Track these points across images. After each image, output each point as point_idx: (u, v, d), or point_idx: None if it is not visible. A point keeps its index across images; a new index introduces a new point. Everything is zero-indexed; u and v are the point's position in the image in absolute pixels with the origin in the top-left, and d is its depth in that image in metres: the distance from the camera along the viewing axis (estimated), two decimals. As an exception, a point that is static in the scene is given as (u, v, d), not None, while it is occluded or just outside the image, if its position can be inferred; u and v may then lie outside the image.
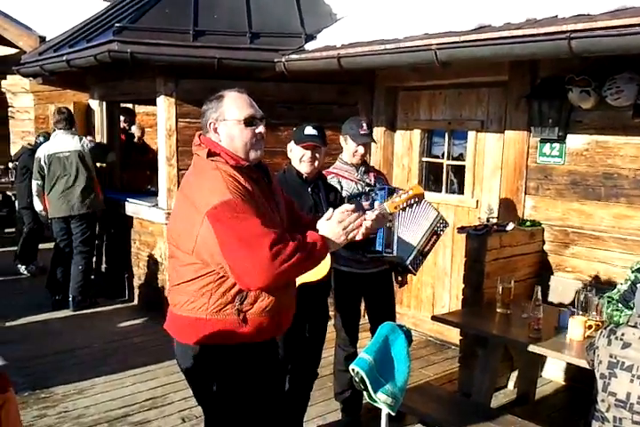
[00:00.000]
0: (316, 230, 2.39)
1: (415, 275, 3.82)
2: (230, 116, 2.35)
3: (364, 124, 3.85)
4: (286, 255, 2.13)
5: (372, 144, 4.13)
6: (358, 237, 2.43)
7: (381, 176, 4.11)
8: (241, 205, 2.18)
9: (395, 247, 3.52)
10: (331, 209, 2.44)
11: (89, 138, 6.59)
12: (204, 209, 2.17)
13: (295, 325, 3.00)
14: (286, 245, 2.15)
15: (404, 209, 3.48)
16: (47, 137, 7.04)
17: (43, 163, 6.18)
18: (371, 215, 2.56)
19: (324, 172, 3.82)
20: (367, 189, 3.80)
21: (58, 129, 6.27)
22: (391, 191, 3.57)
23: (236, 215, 2.16)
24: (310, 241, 2.23)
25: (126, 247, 6.61)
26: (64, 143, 6.19)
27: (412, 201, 3.25)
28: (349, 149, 3.87)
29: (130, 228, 6.49)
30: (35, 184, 6.32)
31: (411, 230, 3.62)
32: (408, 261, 3.60)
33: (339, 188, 3.76)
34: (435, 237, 3.68)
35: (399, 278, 3.98)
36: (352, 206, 2.42)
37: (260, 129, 2.38)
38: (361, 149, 3.83)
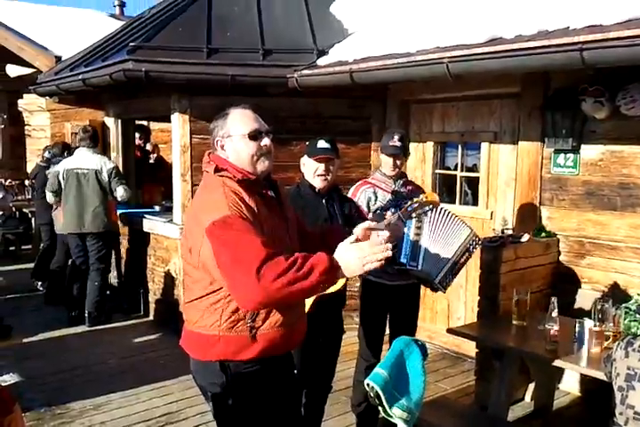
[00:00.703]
0: (328, 246, 2.33)
1: (444, 292, 3.77)
2: (235, 132, 2.37)
3: (396, 137, 3.82)
4: (276, 274, 2.03)
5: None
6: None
7: (419, 191, 4.01)
8: (238, 222, 2.17)
9: (420, 261, 3.54)
10: (355, 232, 2.38)
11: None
12: (204, 225, 2.19)
13: (310, 338, 3.00)
14: (278, 263, 2.06)
15: (418, 218, 3.44)
16: (59, 152, 7.13)
17: (61, 177, 6.24)
18: (383, 234, 2.51)
19: (361, 181, 3.89)
20: (396, 199, 3.75)
21: (82, 146, 6.33)
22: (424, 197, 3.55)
23: (231, 232, 2.14)
24: (311, 262, 2.08)
25: (141, 263, 6.65)
26: (85, 161, 6.23)
27: (427, 208, 3.21)
28: (384, 161, 3.86)
29: (145, 243, 6.53)
30: (49, 196, 6.41)
31: (441, 247, 3.58)
32: (437, 280, 3.58)
33: (373, 198, 3.78)
34: (467, 254, 3.63)
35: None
36: (370, 223, 2.39)
37: (266, 141, 2.38)
38: (390, 160, 3.80)
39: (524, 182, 4.78)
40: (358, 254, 2.11)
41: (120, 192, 6.25)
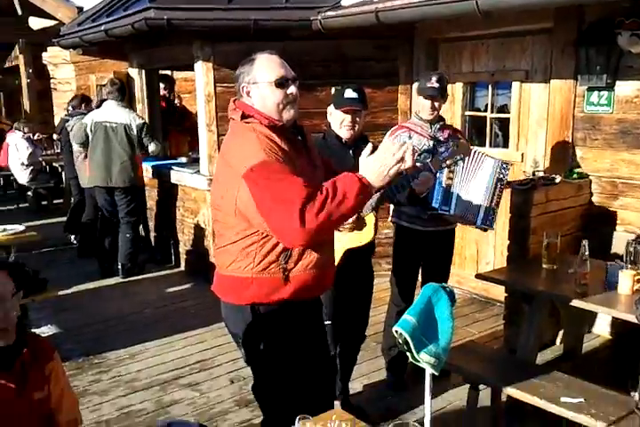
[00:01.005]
0: None
1: (493, 229, 3.80)
2: (261, 79, 2.33)
3: (434, 78, 3.70)
4: (317, 210, 2.09)
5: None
6: (407, 166, 2.24)
7: (458, 134, 3.98)
8: (276, 165, 2.18)
9: (453, 206, 3.53)
10: (370, 144, 2.39)
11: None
12: (241, 171, 2.20)
13: (341, 288, 3.01)
14: (314, 200, 2.11)
15: (450, 168, 3.37)
16: (77, 104, 7.10)
17: (89, 130, 6.21)
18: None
19: (397, 126, 3.84)
20: (433, 148, 3.68)
21: (110, 99, 6.26)
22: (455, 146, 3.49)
23: (271, 176, 2.16)
24: (342, 185, 2.15)
25: (171, 215, 6.70)
26: (113, 114, 6.17)
27: (458, 157, 3.15)
28: (421, 104, 3.77)
29: (174, 195, 6.56)
30: (76, 148, 6.41)
31: (472, 187, 3.57)
32: (479, 222, 3.60)
33: (409, 142, 3.68)
34: (499, 184, 3.59)
35: None
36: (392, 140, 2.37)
37: (292, 90, 2.35)
38: (427, 103, 3.71)
39: (555, 122, 4.63)
40: (379, 163, 2.20)
41: (152, 147, 6.25)
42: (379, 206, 3.22)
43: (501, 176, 3.58)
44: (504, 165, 3.60)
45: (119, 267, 6.35)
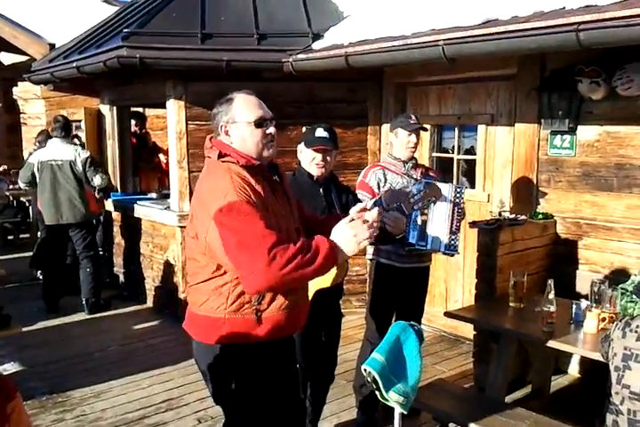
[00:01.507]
0: (329, 232, 2.37)
1: (458, 254, 3.83)
2: (240, 119, 2.36)
3: (413, 116, 3.87)
4: (285, 260, 2.09)
5: (388, 141, 4.09)
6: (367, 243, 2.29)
7: (430, 172, 4.08)
8: (246, 207, 2.19)
9: (429, 240, 3.60)
10: (350, 213, 2.39)
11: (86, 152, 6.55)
12: (211, 212, 2.20)
13: (310, 329, 3.01)
14: (286, 249, 2.11)
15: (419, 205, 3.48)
16: (43, 140, 7.11)
17: (35, 169, 6.22)
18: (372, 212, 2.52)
19: (371, 164, 3.93)
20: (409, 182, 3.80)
21: (54, 137, 6.32)
22: (427, 184, 3.57)
23: (240, 218, 2.17)
24: (315, 246, 2.17)
25: (140, 251, 6.66)
26: (58, 151, 6.19)
27: (431, 199, 3.25)
28: (402, 140, 3.85)
29: (143, 231, 6.54)
30: (23, 187, 6.50)
31: (435, 217, 3.63)
32: (442, 249, 3.65)
33: (383, 180, 3.78)
34: (457, 208, 3.66)
35: None
36: (363, 205, 2.41)
37: (271, 130, 2.39)
38: (413, 138, 3.82)
39: (520, 164, 4.77)
40: (352, 233, 2.22)
41: (97, 181, 6.23)
42: None
43: (458, 200, 3.66)
44: (458, 189, 3.68)
45: (83, 302, 6.26)
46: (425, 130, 3.97)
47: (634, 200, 4.17)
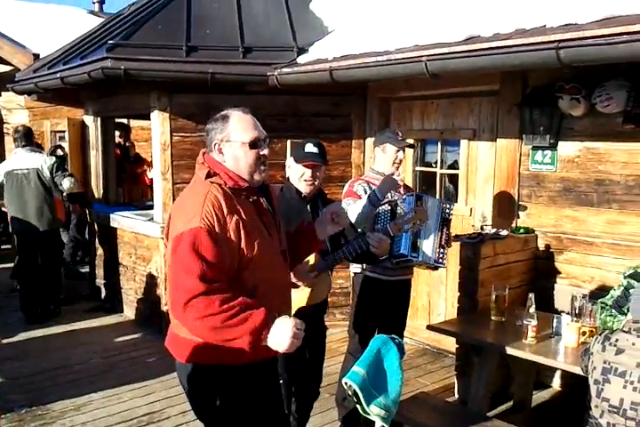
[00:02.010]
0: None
1: (444, 267, 3.89)
2: (235, 138, 2.34)
3: (400, 132, 3.93)
4: (202, 315, 2.11)
5: (372, 155, 4.15)
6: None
7: (410, 191, 4.11)
8: (202, 237, 2.17)
9: (420, 252, 3.64)
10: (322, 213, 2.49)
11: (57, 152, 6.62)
12: (173, 233, 2.24)
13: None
14: (210, 305, 2.10)
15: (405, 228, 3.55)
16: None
17: (1, 179, 6.27)
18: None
19: (354, 178, 3.93)
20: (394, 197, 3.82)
21: (19, 146, 6.38)
22: (419, 197, 3.66)
23: (185, 253, 2.16)
24: (246, 317, 2.12)
25: (122, 262, 6.63)
26: (23, 160, 6.26)
27: (417, 223, 3.33)
28: (389, 155, 3.89)
29: (126, 242, 6.51)
30: None
31: (425, 230, 3.67)
32: (432, 261, 3.69)
33: (369, 190, 3.79)
34: (446, 222, 3.72)
35: None
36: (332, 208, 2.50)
37: (265, 151, 2.38)
38: (401, 155, 3.88)
39: (502, 179, 4.82)
40: (290, 334, 2.14)
41: (66, 184, 6.27)
42: (334, 266, 3.28)
43: (446, 215, 3.73)
44: (447, 203, 3.76)
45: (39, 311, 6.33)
46: (412, 147, 4.06)
47: (613, 215, 4.23)
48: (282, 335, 2.14)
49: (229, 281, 2.23)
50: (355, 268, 4.00)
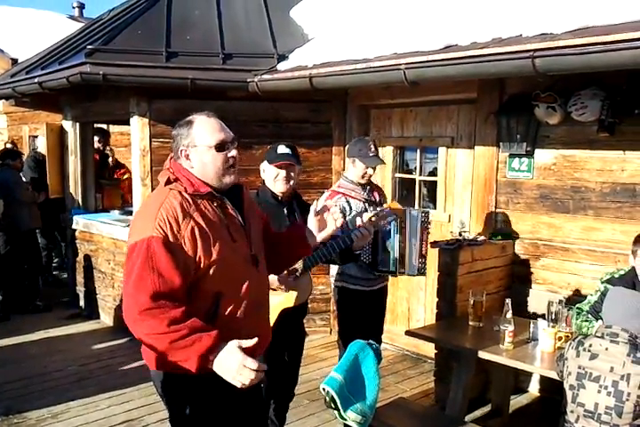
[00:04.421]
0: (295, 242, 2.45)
1: (425, 275, 3.96)
2: (200, 142, 2.30)
3: (372, 146, 3.88)
4: (147, 328, 2.10)
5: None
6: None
7: (381, 192, 4.18)
8: (156, 246, 2.13)
9: (408, 266, 3.72)
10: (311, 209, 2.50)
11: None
12: (129, 242, 2.21)
13: (274, 348, 3.00)
14: (160, 320, 2.08)
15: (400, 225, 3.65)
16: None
17: None
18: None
19: (330, 191, 3.86)
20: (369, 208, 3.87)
21: None
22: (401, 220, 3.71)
23: (141, 260, 2.12)
24: (195, 339, 2.08)
25: (101, 269, 6.58)
26: None
27: (391, 218, 3.37)
28: (358, 170, 3.89)
29: (105, 248, 6.47)
30: None
31: (409, 241, 3.73)
32: (415, 272, 3.76)
33: (347, 208, 3.81)
34: (425, 232, 3.76)
35: None
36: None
37: (233, 153, 2.34)
38: (370, 171, 3.88)
39: (480, 186, 4.87)
40: (237, 365, 2.08)
41: None
42: (312, 267, 3.29)
43: (426, 225, 3.77)
44: (424, 213, 3.79)
45: None
46: (383, 163, 4.04)
47: (589, 222, 4.29)
48: (226, 366, 2.10)
49: (187, 290, 2.19)
50: (336, 281, 4.00)
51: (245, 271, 2.39)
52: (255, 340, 2.15)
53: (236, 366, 2.08)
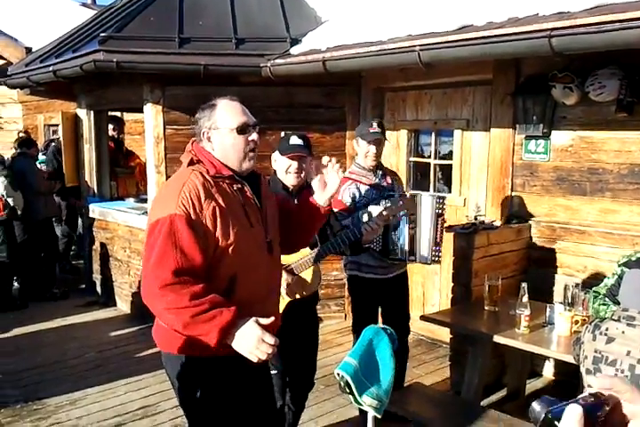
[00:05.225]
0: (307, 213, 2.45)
1: (440, 263, 3.92)
2: (223, 125, 2.33)
3: (375, 124, 3.83)
4: (168, 303, 2.10)
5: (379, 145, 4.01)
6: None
7: (395, 177, 4.09)
8: (178, 223, 2.15)
9: (417, 254, 3.68)
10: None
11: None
12: (152, 218, 2.23)
13: (287, 335, 3.00)
14: (182, 288, 2.10)
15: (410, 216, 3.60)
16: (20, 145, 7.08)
17: None
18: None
19: (342, 178, 3.80)
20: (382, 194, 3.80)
21: None
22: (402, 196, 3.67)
23: (162, 236, 2.14)
24: (215, 314, 2.10)
25: (117, 256, 6.61)
26: None
27: (402, 213, 3.34)
28: (361, 150, 3.85)
29: (121, 236, 6.50)
30: None
31: (424, 230, 3.69)
32: (428, 261, 3.72)
33: (357, 194, 3.76)
34: (440, 219, 3.70)
35: None
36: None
37: (253, 136, 2.36)
38: (372, 149, 3.80)
39: (495, 169, 4.81)
40: (256, 340, 2.12)
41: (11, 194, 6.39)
42: (321, 259, 3.28)
43: (439, 211, 3.71)
44: (439, 200, 3.72)
45: None
46: (385, 139, 3.92)
47: (606, 204, 4.22)
48: (245, 340, 2.13)
49: (206, 270, 2.21)
50: (348, 270, 3.97)
51: (260, 257, 2.40)
52: (272, 319, 2.19)
53: (254, 340, 2.11)
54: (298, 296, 3.19)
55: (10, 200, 6.40)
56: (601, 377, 1.96)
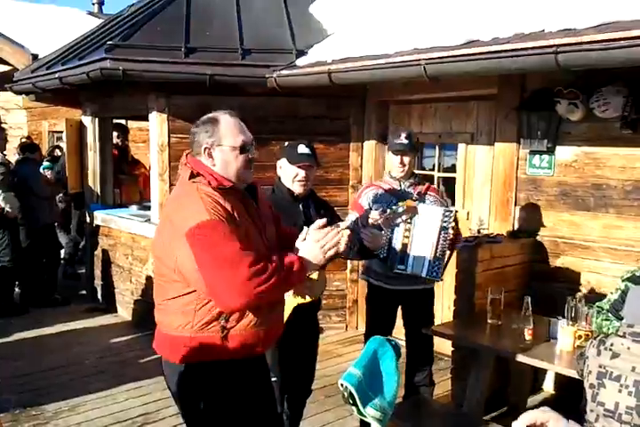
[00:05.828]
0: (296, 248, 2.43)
1: (441, 280, 3.85)
2: (226, 143, 2.36)
3: (403, 135, 3.82)
4: (264, 278, 2.15)
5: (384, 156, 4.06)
6: (342, 248, 2.44)
7: (433, 191, 3.98)
8: (220, 226, 2.19)
9: (410, 263, 3.63)
10: (305, 228, 2.46)
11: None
12: (182, 230, 2.19)
13: (287, 343, 3.01)
14: (264, 267, 2.17)
15: (406, 226, 3.59)
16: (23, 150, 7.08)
17: None
18: (344, 223, 2.57)
19: (367, 183, 3.92)
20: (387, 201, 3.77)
21: None
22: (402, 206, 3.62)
23: (214, 237, 2.17)
24: (287, 263, 2.25)
25: (119, 263, 6.62)
26: None
27: (406, 216, 3.31)
28: (391, 161, 3.87)
29: (123, 243, 6.50)
30: None
31: (423, 241, 3.66)
32: (424, 274, 3.68)
33: (371, 199, 3.79)
34: (443, 232, 3.65)
35: None
36: (324, 221, 2.44)
37: (254, 154, 2.42)
38: (397, 159, 3.80)
39: (499, 183, 4.83)
40: (315, 245, 2.36)
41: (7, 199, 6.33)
42: (327, 264, 3.28)
43: (445, 224, 3.67)
44: (447, 213, 3.69)
45: None
46: (413, 150, 3.87)
47: (610, 220, 4.24)
48: (313, 255, 2.35)
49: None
50: (362, 274, 4.03)
51: None
52: (325, 220, 2.45)
53: (317, 250, 2.36)
54: (302, 300, 3.19)
55: None
56: (521, 418, 2.06)
